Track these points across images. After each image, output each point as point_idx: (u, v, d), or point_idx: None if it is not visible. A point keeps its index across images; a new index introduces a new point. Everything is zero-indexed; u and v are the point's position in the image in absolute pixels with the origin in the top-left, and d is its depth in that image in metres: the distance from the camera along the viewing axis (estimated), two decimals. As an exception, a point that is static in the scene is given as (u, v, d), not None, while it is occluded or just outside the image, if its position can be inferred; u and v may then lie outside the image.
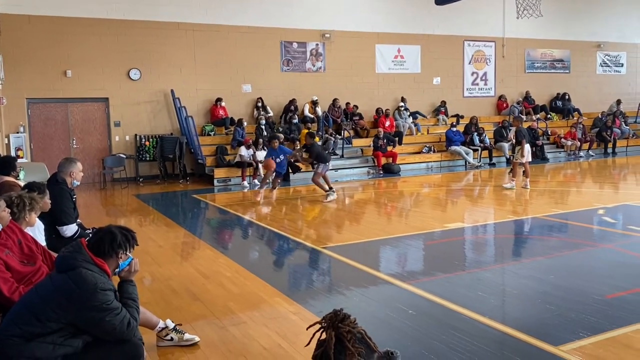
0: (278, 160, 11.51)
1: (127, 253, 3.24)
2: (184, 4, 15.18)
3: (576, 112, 20.37)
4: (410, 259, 6.66)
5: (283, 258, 6.87)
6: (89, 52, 14.34)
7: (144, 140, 14.88)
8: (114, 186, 14.11)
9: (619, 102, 21.19)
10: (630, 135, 20.02)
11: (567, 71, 21.57)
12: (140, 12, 14.75)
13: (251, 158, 13.90)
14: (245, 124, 15.23)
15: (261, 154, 14.07)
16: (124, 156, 14.46)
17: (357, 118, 17.31)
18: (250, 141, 14.23)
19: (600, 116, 20.07)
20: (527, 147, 11.45)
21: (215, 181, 13.85)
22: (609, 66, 22.56)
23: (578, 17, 21.23)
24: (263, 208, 10.63)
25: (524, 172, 11.56)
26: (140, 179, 14.65)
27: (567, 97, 20.92)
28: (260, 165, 13.86)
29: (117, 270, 3.27)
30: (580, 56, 21.68)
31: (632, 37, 22.63)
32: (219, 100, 15.61)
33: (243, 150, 13.92)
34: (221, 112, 15.69)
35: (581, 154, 18.33)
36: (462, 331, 4.14)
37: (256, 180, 13.73)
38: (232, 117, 15.63)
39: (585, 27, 21.47)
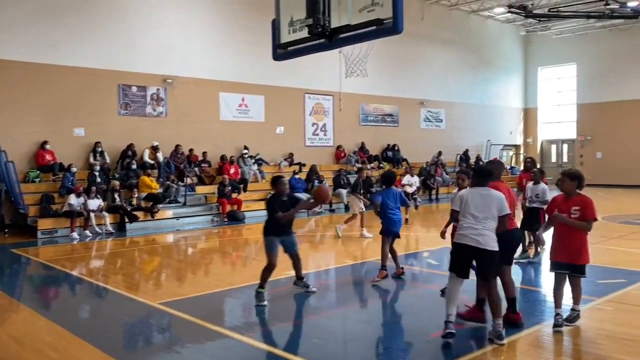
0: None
1: None
2: (5, 40, 13.88)
3: (405, 162, 22.32)
4: (250, 310, 6.56)
5: (114, 317, 6.35)
6: None
7: (-49, 187, 13.03)
8: None
9: (440, 153, 23.74)
10: (450, 183, 22.42)
11: (396, 125, 23.70)
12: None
13: (82, 207, 12.87)
14: (75, 169, 14.13)
15: (93, 203, 13.12)
16: None
17: (205, 165, 17.09)
18: (82, 188, 13.22)
19: (424, 166, 22.23)
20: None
21: (39, 233, 12.54)
22: (431, 121, 25.28)
23: (404, 76, 23.61)
24: (95, 262, 9.83)
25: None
26: (-55, 232, 12.72)
27: (396, 148, 22.91)
28: (90, 215, 12.88)
29: None
30: (406, 111, 24.01)
31: (449, 96, 25.72)
32: (44, 143, 14.34)
33: (73, 199, 12.86)
34: (48, 156, 14.41)
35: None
36: (299, 382, 4.16)
37: (88, 232, 12.71)
38: (61, 163, 14.42)
39: (410, 86, 23.93)
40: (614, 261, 8.31)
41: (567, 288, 5.29)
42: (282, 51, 6.29)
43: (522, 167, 27.26)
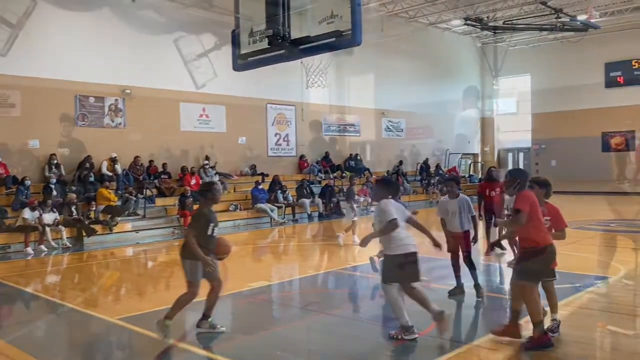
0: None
1: None
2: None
3: (367, 171, 22.53)
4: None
5: (72, 335, 6.15)
6: None
7: None
8: None
9: (401, 162, 24.09)
10: (411, 192, 22.76)
11: (358, 134, 23.92)
12: None
13: (37, 221, 12.45)
14: (29, 182, 13.68)
15: (49, 217, 12.72)
16: None
17: (165, 177, 16.80)
18: (36, 202, 12.79)
19: (386, 175, 22.48)
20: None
21: (-10, 249, 12.06)
22: (392, 131, 25.62)
23: (365, 87, 23.89)
24: (51, 277, 9.51)
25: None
26: None
27: (358, 157, 23.10)
28: (45, 230, 12.48)
29: None
30: (368, 121, 24.28)
31: (409, 107, 26.11)
32: (-5, 156, 13.91)
33: (27, 213, 12.42)
34: (0, 169, 13.91)
35: (372, 209, 20.18)
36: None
37: (43, 246, 12.29)
38: (14, 176, 13.94)
39: (371, 97, 24.22)
40: (569, 266, 8.53)
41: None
42: (242, 61, 6.28)
43: (480, 176, 27.95)
